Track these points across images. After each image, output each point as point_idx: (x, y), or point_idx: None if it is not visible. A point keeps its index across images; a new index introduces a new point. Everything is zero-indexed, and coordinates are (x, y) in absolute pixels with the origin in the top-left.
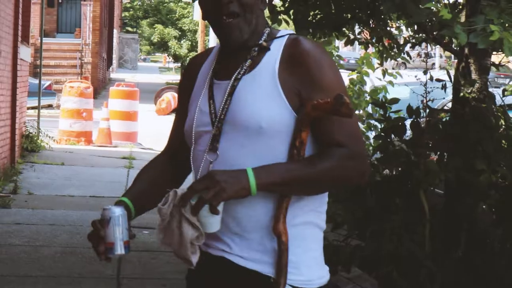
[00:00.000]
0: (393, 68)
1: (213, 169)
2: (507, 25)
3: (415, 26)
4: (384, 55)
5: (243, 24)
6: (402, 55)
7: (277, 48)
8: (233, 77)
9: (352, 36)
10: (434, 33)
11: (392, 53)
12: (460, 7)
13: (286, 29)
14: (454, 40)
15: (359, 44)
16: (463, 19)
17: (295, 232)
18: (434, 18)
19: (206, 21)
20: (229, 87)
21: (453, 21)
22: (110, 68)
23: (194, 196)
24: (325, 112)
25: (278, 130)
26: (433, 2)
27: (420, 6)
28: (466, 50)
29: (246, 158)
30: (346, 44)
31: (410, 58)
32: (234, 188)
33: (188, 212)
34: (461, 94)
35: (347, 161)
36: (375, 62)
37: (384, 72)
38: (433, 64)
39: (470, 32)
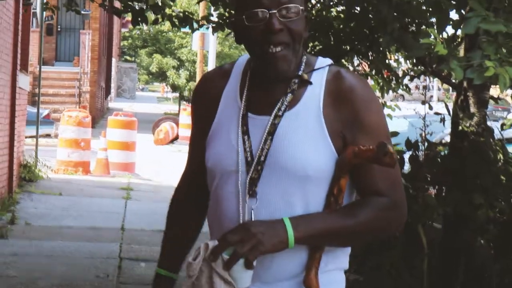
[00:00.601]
0: (391, 101)
1: (255, 218)
2: (503, 60)
3: (414, 59)
4: (385, 87)
5: (291, 55)
6: (401, 87)
7: (318, 81)
8: (273, 114)
9: (351, 68)
10: (433, 66)
11: (392, 85)
12: (459, 40)
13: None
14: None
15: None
16: (462, 53)
17: (326, 279)
18: (432, 53)
19: (241, 45)
20: (269, 124)
21: (449, 56)
22: (108, 97)
23: (228, 249)
24: (366, 160)
25: (324, 178)
26: (432, 38)
27: (419, 40)
28: (465, 84)
29: (287, 205)
30: None
31: (409, 90)
32: (272, 242)
33: (219, 266)
34: (460, 127)
35: (387, 212)
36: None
37: (383, 105)
38: (431, 96)
39: (467, 67)
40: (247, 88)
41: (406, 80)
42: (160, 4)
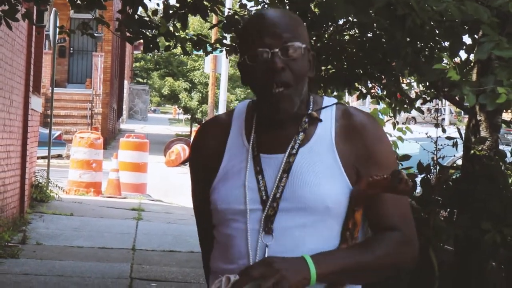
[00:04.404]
0: (403, 123)
1: (269, 255)
2: None
3: (427, 83)
4: (397, 108)
5: (294, 95)
6: (414, 108)
7: (328, 118)
8: (287, 152)
9: (364, 90)
10: (445, 90)
11: (405, 106)
12: (471, 65)
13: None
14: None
15: (371, 98)
16: (474, 77)
17: None
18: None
19: (247, 85)
20: (283, 162)
21: (462, 81)
22: (120, 118)
23: (250, 283)
24: (382, 189)
25: (341, 211)
26: (445, 62)
27: (433, 65)
28: (477, 108)
29: (306, 240)
30: (358, 98)
31: (422, 113)
32: (296, 278)
33: None
34: (472, 151)
35: (402, 247)
36: (385, 116)
37: (395, 125)
38: (443, 119)
39: (480, 92)
40: (255, 130)
41: (418, 103)
42: (172, 30)
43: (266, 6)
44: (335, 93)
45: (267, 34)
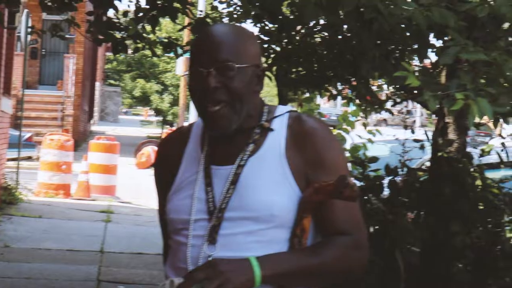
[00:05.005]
0: (374, 125)
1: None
2: (480, 89)
3: (397, 85)
4: (368, 109)
5: (230, 114)
6: (384, 110)
7: (279, 127)
8: (236, 164)
9: (335, 92)
10: (415, 91)
11: (375, 107)
12: (441, 67)
13: (284, 106)
14: None
15: (342, 99)
16: (444, 79)
17: None
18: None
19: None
20: (232, 174)
21: (426, 85)
22: (92, 120)
23: (194, 286)
24: (328, 196)
25: (288, 218)
26: (412, 66)
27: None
28: (445, 110)
29: (251, 247)
30: (329, 99)
31: (392, 114)
32: (239, 280)
33: None
34: (439, 153)
35: (351, 252)
36: (356, 118)
37: (365, 125)
38: (414, 121)
39: (444, 96)
40: (208, 143)
41: (388, 105)
42: (142, 32)
43: (237, 8)
44: (306, 95)
45: (205, 53)
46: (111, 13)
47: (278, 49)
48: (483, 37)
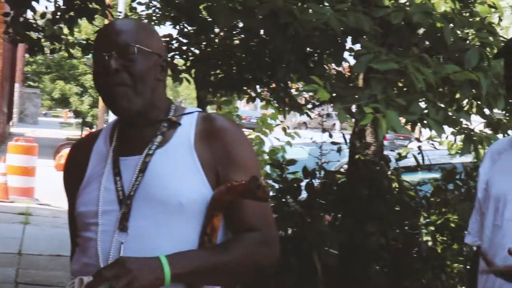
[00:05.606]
0: (294, 128)
1: (124, 255)
2: (391, 99)
3: None
4: (287, 109)
5: (132, 94)
6: (303, 114)
7: (188, 123)
8: (145, 153)
9: (253, 94)
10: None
11: (294, 110)
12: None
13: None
14: None
15: (261, 101)
16: (361, 82)
17: None
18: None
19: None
20: (140, 162)
21: (337, 98)
22: (11, 122)
23: (103, 284)
24: (240, 195)
25: (198, 211)
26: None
27: (320, 71)
28: None
29: (162, 238)
30: (248, 101)
31: (311, 118)
32: (148, 278)
33: None
34: (357, 156)
35: (261, 247)
36: (275, 121)
37: (285, 129)
38: (334, 124)
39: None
40: (117, 137)
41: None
42: (58, 33)
43: (156, 10)
44: (224, 98)
45: (107, 39)
46: (30, 14)
47: (197, 51)
48: (398, 43)
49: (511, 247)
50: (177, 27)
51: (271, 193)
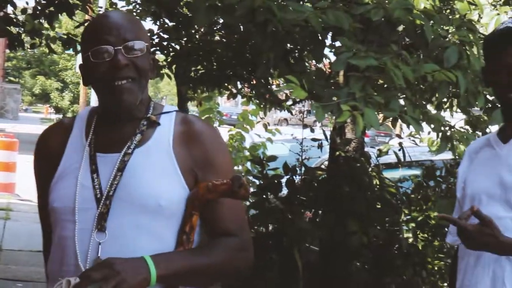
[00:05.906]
0: (275, 124)
1: (103, 255)
2: (370, 97)
3: None
4: (268, 106)
5: (137, 89)
6: (284, 110)
7: (167, 123)
8: (123, 151)
9: (234, 91)
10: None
11: (275, 105)
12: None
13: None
14: None
15: (242, 97)
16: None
17: None
18: None
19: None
20: (118, 161)
21: (315, 95)
22: None
23: (90, 286)
24: (221, 194)
25: (176, 212)
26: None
27: (300, 68)
28: None
29: (140, 239)
30: (228, 97)
31: (292, 114)
32: (135, 279)
33: None
34: (337, 152)
35: (239, 253)
36: (256, 118)
37: (266, 126)
38: (315, 121)
39: (332, 107)
40: (94, 132)
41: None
42: (40, 28)
43: (137, 6)
44: (205, 94)
45: (110, 32)
46: (10, 9)
47: (177, 47)
48: (378, 40)
49: (476, 205)
50: (158, 22)
51: (251, 190)
